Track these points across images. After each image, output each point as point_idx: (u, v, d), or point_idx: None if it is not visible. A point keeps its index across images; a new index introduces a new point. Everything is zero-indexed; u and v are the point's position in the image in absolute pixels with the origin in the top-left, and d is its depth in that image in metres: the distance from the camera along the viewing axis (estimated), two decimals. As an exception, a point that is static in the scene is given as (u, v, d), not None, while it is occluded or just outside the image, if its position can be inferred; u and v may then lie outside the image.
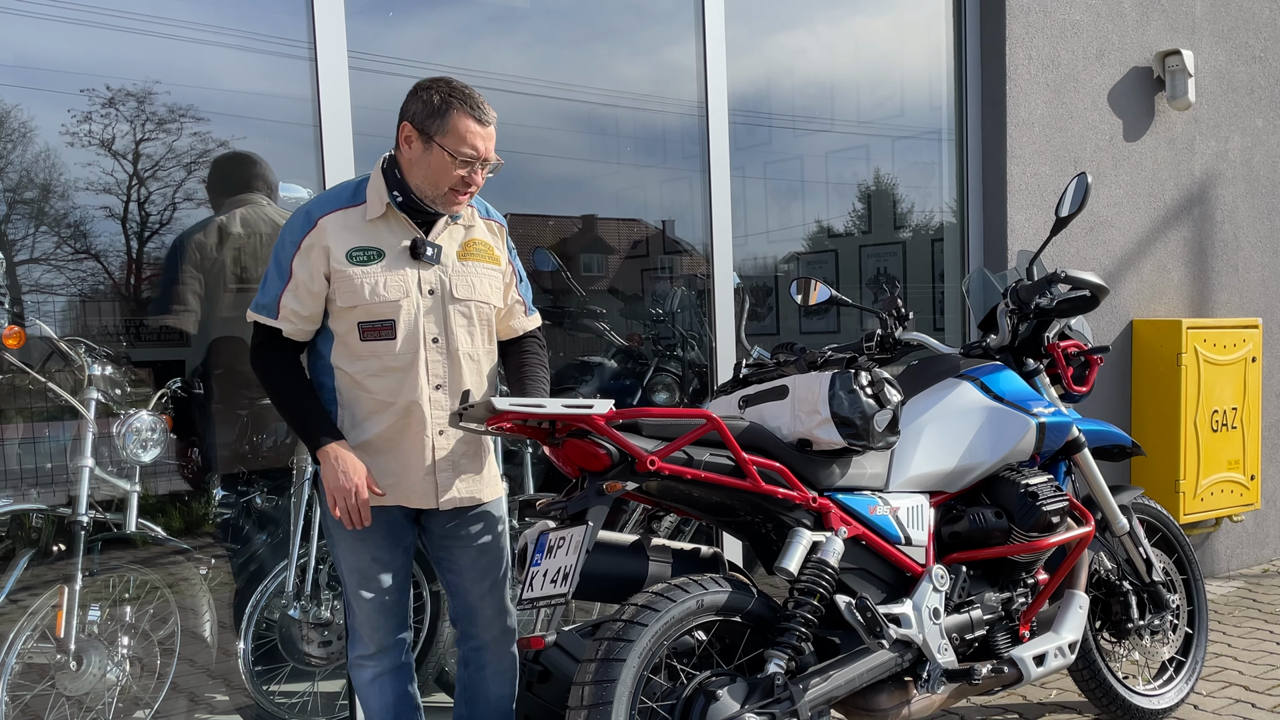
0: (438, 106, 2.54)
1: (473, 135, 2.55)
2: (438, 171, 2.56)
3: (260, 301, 2.61)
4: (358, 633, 2.75)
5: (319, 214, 2.59)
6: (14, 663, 3.06)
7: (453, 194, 2.60)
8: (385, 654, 2.75)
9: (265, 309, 2.60)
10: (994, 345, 3.47)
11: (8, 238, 3.27)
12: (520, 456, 4.02)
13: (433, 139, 2.54)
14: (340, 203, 2.61)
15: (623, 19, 4.40)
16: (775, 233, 4.88)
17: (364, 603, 2.70)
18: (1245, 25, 5.66)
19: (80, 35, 3.26)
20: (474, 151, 2.56)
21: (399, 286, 2.60)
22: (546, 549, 2.50)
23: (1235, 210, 5.69)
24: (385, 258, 2.60)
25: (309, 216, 2.59)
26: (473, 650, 2.87)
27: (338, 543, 2.70)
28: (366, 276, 2.57)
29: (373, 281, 2.58)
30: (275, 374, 2.60)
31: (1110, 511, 3.51)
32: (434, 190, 2.59)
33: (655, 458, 2.51)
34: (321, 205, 2.61)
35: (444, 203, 2.61)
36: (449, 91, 2.55)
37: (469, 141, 2.54)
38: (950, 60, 5.02)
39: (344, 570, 2.71)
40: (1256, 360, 5.43)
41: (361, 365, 2.61)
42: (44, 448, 3.35)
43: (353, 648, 2.77)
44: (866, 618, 2.68)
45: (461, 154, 2.54)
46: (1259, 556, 5.93)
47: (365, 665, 2.76)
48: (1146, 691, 3.73)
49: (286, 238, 2.59)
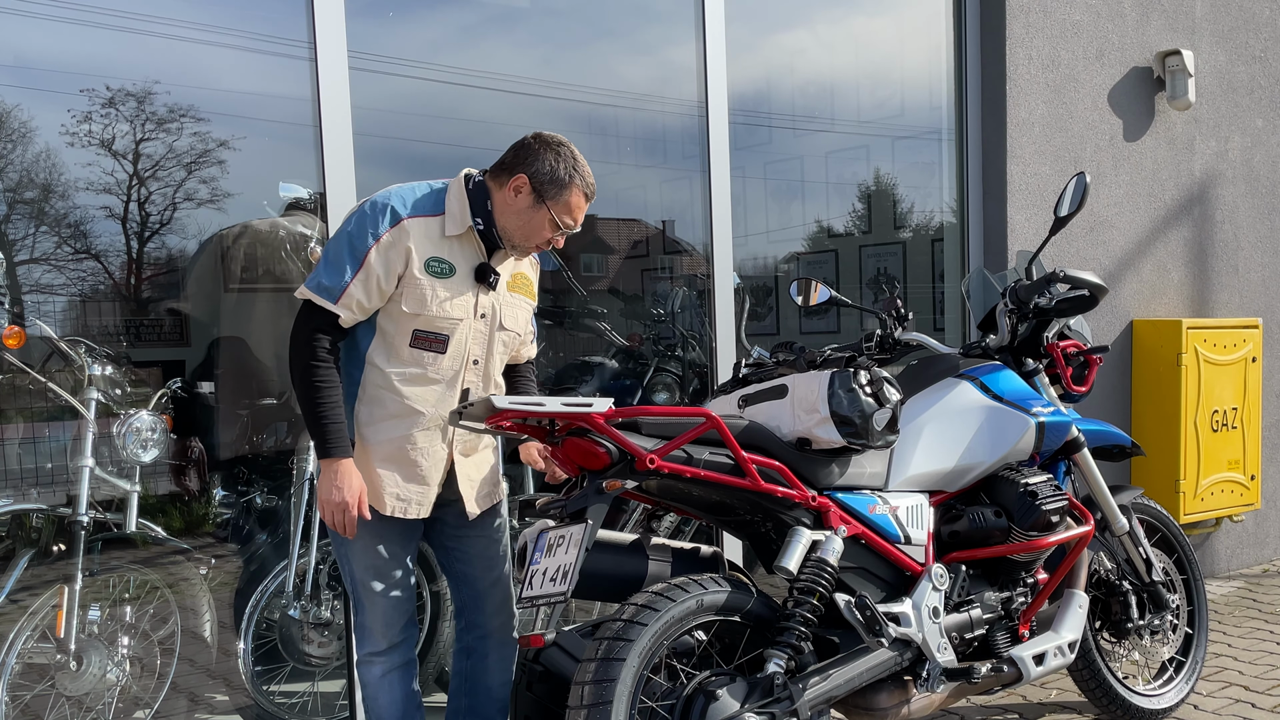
0: (562, 177, 2.64)
1: (578, 210, 2.70)
2: (535, 229, 2.67)
3: (323, 284, 2.56)
4: (369, 629, 2.74)
5: (404, 214, 2.60)
6: (14, 663, 3.07)
7: (535, 248, 2.73)
8: (396, 650, 2.76)
9: (327, 292, 2.56)
10: (993, 345, 3.47)
11: (8, 238, 3.27)
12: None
13: (545, 201, 2.65)
14: (424, 210, 2.63)
15: (623, 19, 4.41)
16: (775, 233, 4.88)
17: (379, 598, 2.71)
18: (1245, 25, 5.66)
19: (80, 35, 3.26)
20: (574, 223, 2.71)
21: (462, 306, 2.66)
22: (546, 548, 2.50)
23: (1235, 210, 5.69)
24: (456, 274, 2.65)
25: (394, 214, 2.59)
26: (477, 639, 2.91)
27: (351, 538, 2.69)
28: (437, 289, 2.62)
29: (442, 296, 2.62)
30: (315, 371, 2.57)
31: (1110, 511, 3.51)
32: (522, 240, 2.69)
33: (655, 456, 2.51)
34: (405, 206, 2.61)
35: (521, 252, 2.74)
36: (574, 165, 2.67)
37: (574, 215, 2.70)
38: (950, 60, 5.02)
39: (356, 566, 2.71)
40: (1256, 360, 5.43)
41: (400, 369, 2.64)
42: (44, 448, 3.35)
43: (361, 645, 2.77)
44: (866, 616, 2.68)
45: (564, 223, 2.68)
46: (1259, 556, 5.93)
47: (375, 662, 2.75)
48: (1146, 691, 3.73)
49: (363, 228, 2.57)
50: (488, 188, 2.67)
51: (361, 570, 2.71)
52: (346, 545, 2.71)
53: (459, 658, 2.96)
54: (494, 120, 4.15)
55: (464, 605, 2.91)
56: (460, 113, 4.03)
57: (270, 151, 3.62)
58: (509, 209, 2.66)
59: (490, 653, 2.91)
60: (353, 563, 2.72)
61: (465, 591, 2.89)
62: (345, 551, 2.73)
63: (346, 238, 2.58)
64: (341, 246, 2.58)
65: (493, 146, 4.15)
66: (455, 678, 2.97)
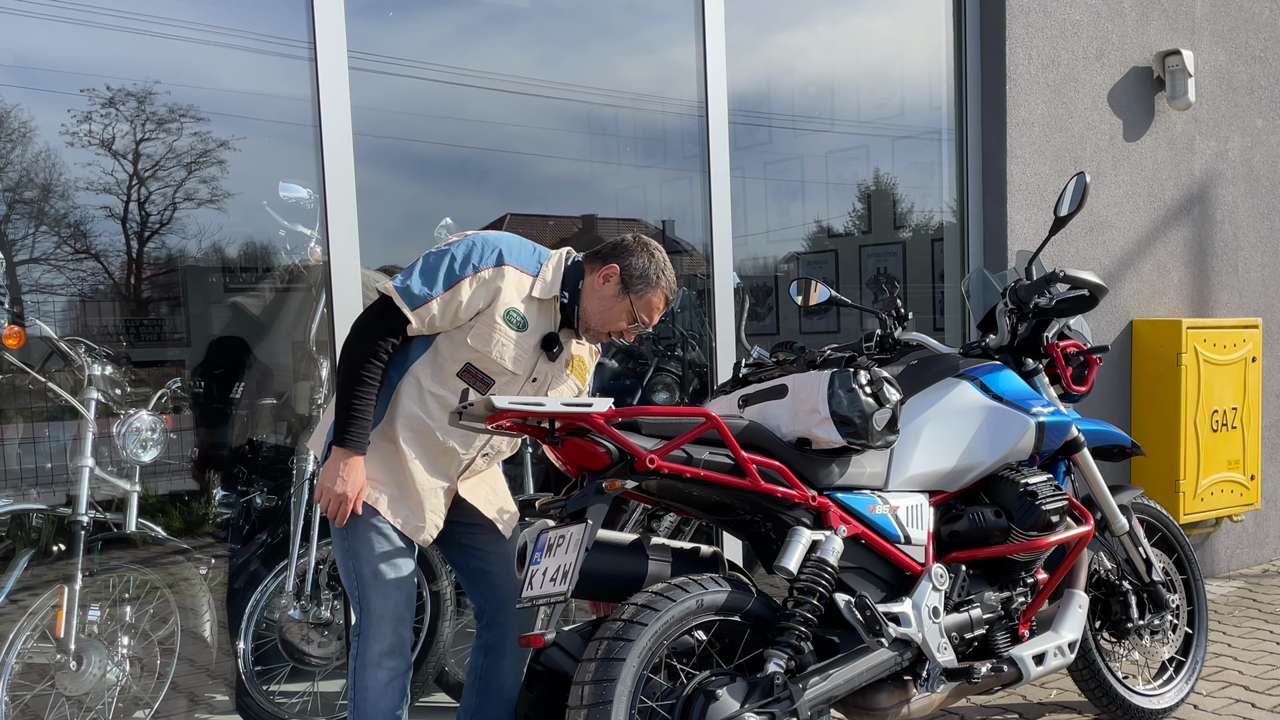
0: (652, 278, 2.77)
1: (656, 310, 2.82)
2: (613, 317, 2.77)
3: (411, 289, 2.62)
4: (379, 629, 2.70)
5: (508, 261, 2.69)
6: (14, 663, 3.07)
7: (607, 336, 2.82)
8: (402, 653, 2.75)
9: (411, 298, 2.61)
10: (993, 345, 3.47)
11: (8, 238, 3.28)
12: (520, 456, 4.02)
13: (629, 294, 2.76)
14: (524, 266, 2.72)
15: (623, 19, 4.41)
16: (775, 233, 4.88)
17: (392, 594, 2.70)
18: (1245, 25, 5.66)
19: (80, 35, 3.26)
20: (649, 321, 2.82)
21: (520, 363, 2.72)
22: (546, 547, 2.50)
23: (1235, 210, 5.69)
24: (526, 331, 2.71)
25: (500, 257, 2.68)
26: (497, 637, 2.92)
27: (359, 535, 2.68)
28: (505, 337, 2.68)
29: (507, 343, 2.69)
30: (368, 366, 2.61)
31: (1110, 511, 3.51)
32: (599, 325, 2.78)
33: (654, 456, 2.51)
34: (511, 255, 2.70)
35: (593, 338, 2.84)
36: (663, 269, 2.80)
37: (652, 313, 2.81)
38: (950, 60, 5.02)
39: (365, 565, 2.69)
40: (1256, 360, 5.43)
41: (438, 389, 2.69)
42: (44, 448, 3.35)
43: (369, 645, 2.71)
44: (866, 616, 2.68)
45: (642, 319, 2.79)
46: (1259, 556, 5.93)
47: (384, 666, 2.71)
48: (1146, 691, 3.73)
49: (469, 257, 2.65)
50: (582, 269, 2.78)
51: (373, 567, 2.69)
52: (359, 541, 2.69)
53: (476, 654, 2.97)
54: (494, 120, 4.15)
55: (486, 603, 2.94)
56: (460, 113, 4.03)
57: (270, 151, 3.62)
58: (595, 294, 2.76)
59: (508, 653, 2.92)
60: (362, 560, 2.70)
61: (485, 589, 2.93)
62: (355, 548, 2.70)
63: (449, 258, 2.65)
64: (442, 263, 2.65)
65: (493, 146, 4.18)
66: (470, 674, 2.97)
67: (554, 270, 2.76)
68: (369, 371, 2.60)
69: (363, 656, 2.71)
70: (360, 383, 2.59)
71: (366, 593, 2.70)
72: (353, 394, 2.60)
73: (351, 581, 2.73)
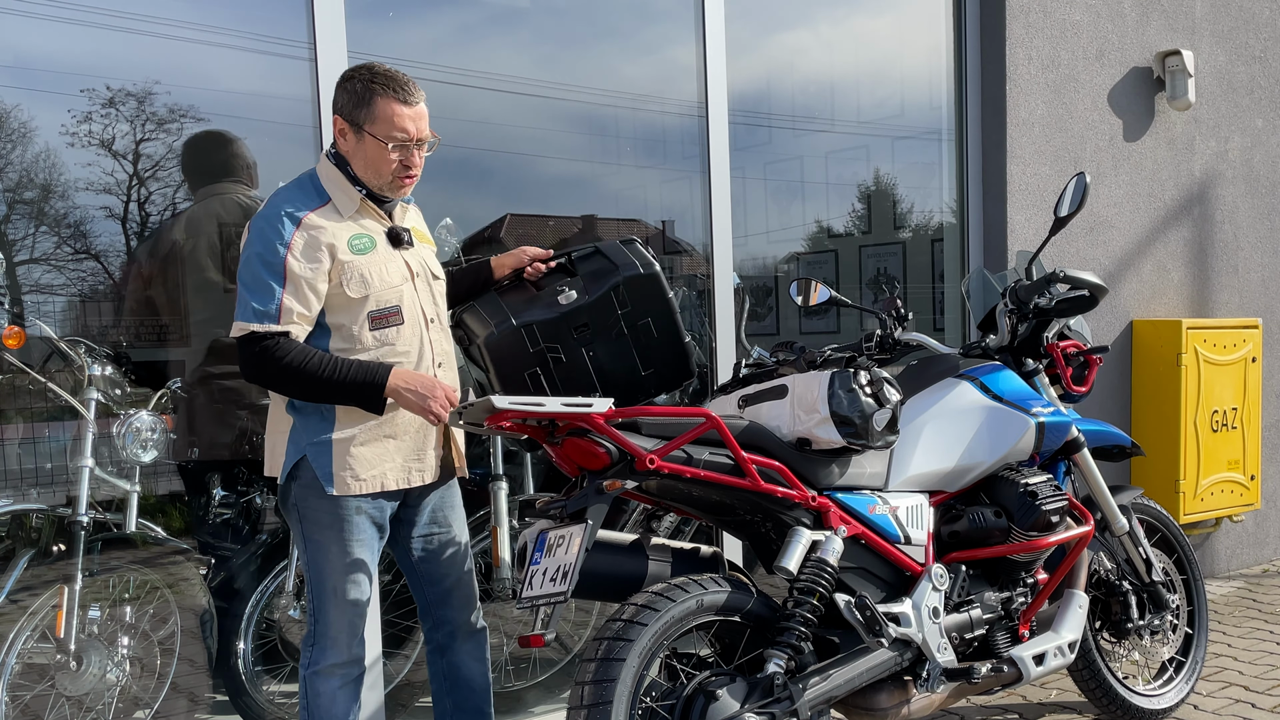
0: (361, 95, 2.54)
1: (401, 118, 2.55)
2: (376, 161, 2.58)
3: (257, 310, 2.50)
4: (331, 640, 2.68)
5: (301, 212, 2.55)
6: (14, 663, 3.06)
7: (396, 180, 2.62)
8: (355, 663, 2.73)
9: (267, 317, 2.50)
10: (993, 345, 3.47)
11: (8, 238, 3.28)
12: (520, 456, 4.02)
13: (363, 129, 2.55)
14: (313, 203, 2.59)
15: (623, 18, 4.41)
16: (775, 233, 4.88)
17: (347, 607, 2.67)
18: (1245, 25, 5.66)
19: (80, 35, 3.26)
20: (405, 134, 2.56)
21: (397, 272, 2.64)
22: (546, 548, 2.50)
23: (1235, 210, 5.69)
24: (376, 245, 2.63)
25: (291, 217, 2.53)
26: (447, 636, 2.91)
27: (327, 546, 2.66)
28: (371, 265, 2.60)
29: (378, 268, 2.60)
30: (291, 366, 2.51)
31: (1110, 511, 3.51)
32: (377, 179, 2.61)
33: (655, 456, 2.51)
34: (297, 204, 2.56)
35: (390, 189, 2.64)
36: (370, 78, 2.55)
37: (398, 125, 2.55)
38: (950, 60, 5.02)
39: (327, 575, 2.66)
40: (1256, 360, 5.43)
41: (369, 356, 2.61)
42: (44, 448, 3.35)
43: (321, 656, 2.68)
44: (866, 617, 2.68)
45: (393, 139, 2.55)
46: (1259, 556, 5.93)
47: (334, 674, 2.69)
48: (1146, 691, 3.73)
49: (270, 242, 2.51)
50: (341, 154, 2.63)
51: (334, 578, 2.66)
52: (322, 552, 2.66)
53: (433, 658, 2.94)
54: (494, 120, 4.15)
55: (430, 604, 2.90)
56: (460, 113, 4.03)
57: (270, 151, 3.62)
58: (350, 157, 2.60)
59: (461, 648, 2.91)
60: (325, 571, 2.66)
61: (430, 590, 2.89)
62: (318, 559, 2.67)
63: (257, 259, 2.52)
64: (257, 269, 2.52)
65: (493, 147, 4.17)
66: (435, 680, 2.95)
67: (331, 181, 2.61)
68: (305, 366, 2.51)
69: (314, 666, 2.69)
70: (315, 370, 2.51)
71: (324, 607, 2.68)
72: (326, 375, 2.51)
73: (315, 589, 2.69)
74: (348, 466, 2.62)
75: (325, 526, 2.65)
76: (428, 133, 2.62)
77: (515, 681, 3.88)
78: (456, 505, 2.92)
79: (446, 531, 2.88)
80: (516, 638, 2.89)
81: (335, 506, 2.63)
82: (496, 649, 3.91)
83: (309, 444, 2.62)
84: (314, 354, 2.54)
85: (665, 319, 3.01)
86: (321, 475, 2.61)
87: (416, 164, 2.63)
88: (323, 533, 2.65)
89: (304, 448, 2.62)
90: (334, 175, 2.63)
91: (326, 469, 2.61)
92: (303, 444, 2.62)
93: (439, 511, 2.86)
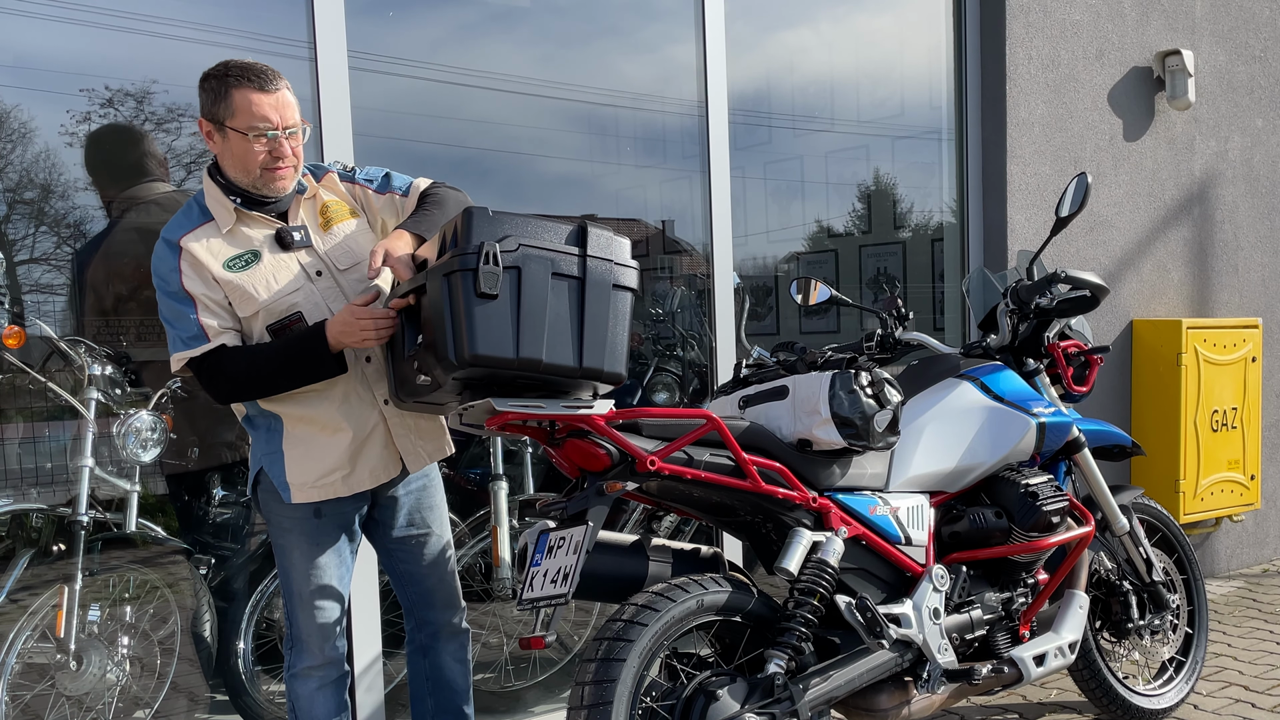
0: (217, 90, 2.46)
1: (260, 106, 2.45)
2: (242, 156, 2.48)
3: (183, 337, 2.52)
4: (304, 644, 2.70)
5: (176, 238, 2.52)
6: (14, 663, 3.06)
7: (268, 174, 2.52)
8: (332, 664, 2.73)
9: (195, 340, 2.51)
10: (994, 345, 3.47)
11: (8, 238, 3.27)
12: (520, 456, 4.02)
13: (224, 125, 2.47)
14: (191, 224, 2.54)
15: (623, 17, 4.40)
16: (775, 233, 4.88)
17: (316, 613, 2.68)
18: (1245, 25, 5.66)
19: (80, 35, 3.25)
20: (267, 123, 2.46)
21: (289, 278, 2.57)
22: (546, 549, 2.50)
23: (1235, 210, 5.69)
24: (262, 257, 2.56)
25: (170, 245, 2.52)
26: (429, 636, 2.91)
27: (290, 551, 2.67)
28: (254, 279, 2.54)
29: (263, 280, 2.54)
30: (240, 370, 2.51)
31: (1110, 511, 3.51)
32: (247, 176, 2.51)
33: (655, 458, 2.51)
34: (174, 230, 2.54)
35: (265, 185, 2.53)
36: (225, 72, 2.46)
37: (258, 114, 2.45)
38: (950, 60, 5.02)
39: (296, 580, 2.68)
40: (1256, 360, 5.43)
41: None
42: (44, 448, 3.35)
43: (297, 659, 2.71)
44: (866, 618, 2.68)
45: (254, 128, 2.45)
46: (1259, 556, 5.93)
47: (311, 676, 2.71)
48: (1146, 691, 3.73)
49: (163, 270, 2.52)
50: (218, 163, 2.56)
51: (301, 583, 2.67)
52: (288, 556, 2.68)
53: (414, 658, 2.95)
54: (494, 120, 4.14)
55: (412, 604, 2.90)
56: (460, 113, 4.03)
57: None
58: (223, 160, 2.52)
59: (444, 649, 2.91)
60: (293, 575, 2.67)
61: (412, 591, 2.89)
62: (287, 564, 2.69)
63: (163, 293, 2.53)
64: (168, 302, 2.53)
65: (493, 146, 4.17)
66: (414, 680, 2.96)
67: (214, 195, 2.54)
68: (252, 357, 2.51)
69: (292, 669, 2.73)
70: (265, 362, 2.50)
71: (294, 611, 2.70)
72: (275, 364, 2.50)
73: (286, 592, 2.72)
74: (299, 474, 2.62)
75: (287, 531, 2.67)
76: (295, 120, 2.52)
77: (515, 681, 3.88)
78: (436, 505, 2.88)
79: (425, 533, 2.85)
80: (517, 639, 2.88)
81: (295, 512, 2.65)
82: (496, 649, 3.91)
83: (263, 455, 2.66)
84: (253, 350, 2.54)
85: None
86: (278, 484, 2.64)
87: (287, 154, 2.51)
88: (286, 537, 2.68)
89: (260, 459, 2.67)
90: (211, 189, 2.56)
91: (281, 478, 2.63)
92: (259, 455, 2.67)
93: (416, 513, 2.84)
